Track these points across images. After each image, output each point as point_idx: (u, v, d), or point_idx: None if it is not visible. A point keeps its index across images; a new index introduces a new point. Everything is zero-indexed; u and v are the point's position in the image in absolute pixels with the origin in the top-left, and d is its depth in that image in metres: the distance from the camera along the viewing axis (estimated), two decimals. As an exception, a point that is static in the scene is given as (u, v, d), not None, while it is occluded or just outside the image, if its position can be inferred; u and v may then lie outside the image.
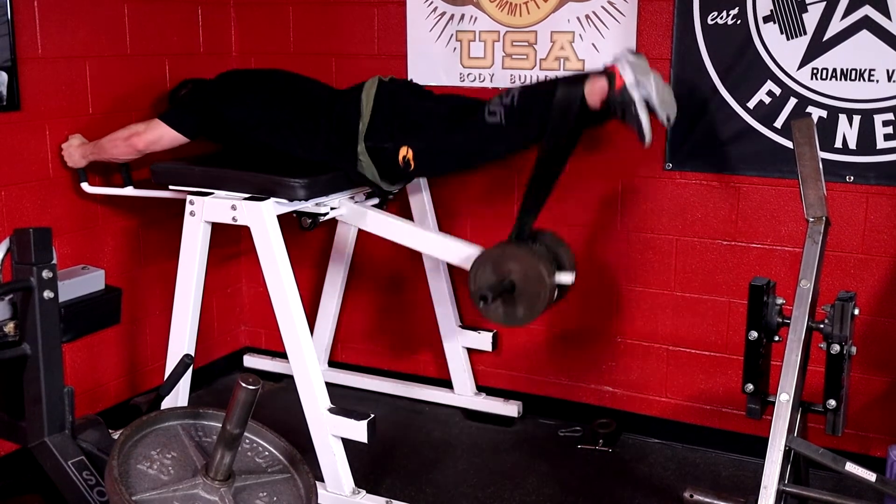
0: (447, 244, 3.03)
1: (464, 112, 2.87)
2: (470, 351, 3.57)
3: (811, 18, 2.85)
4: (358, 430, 2.77)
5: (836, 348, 2.19)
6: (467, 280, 2.81)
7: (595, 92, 2.65)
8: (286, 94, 3.03)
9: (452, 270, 3.50)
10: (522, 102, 2.74)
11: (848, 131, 2.88)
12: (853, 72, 2.83)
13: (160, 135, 3.03)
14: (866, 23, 2.79)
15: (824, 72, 2.87)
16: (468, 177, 3.44)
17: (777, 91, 2.94)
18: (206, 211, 2.90)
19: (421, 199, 3.40)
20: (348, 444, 2.86)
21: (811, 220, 2.26)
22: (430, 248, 3.11)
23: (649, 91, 2.60)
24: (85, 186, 3.16)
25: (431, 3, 3.38)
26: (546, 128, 2.69)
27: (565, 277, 2.79)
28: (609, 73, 2.63)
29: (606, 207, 3.28)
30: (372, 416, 2.79)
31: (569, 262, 2.88)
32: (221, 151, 3.33)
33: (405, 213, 3.43)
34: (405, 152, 2.84)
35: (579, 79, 2.71)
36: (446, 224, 3.48)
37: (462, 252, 2.93)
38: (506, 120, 2.74)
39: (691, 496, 2.12)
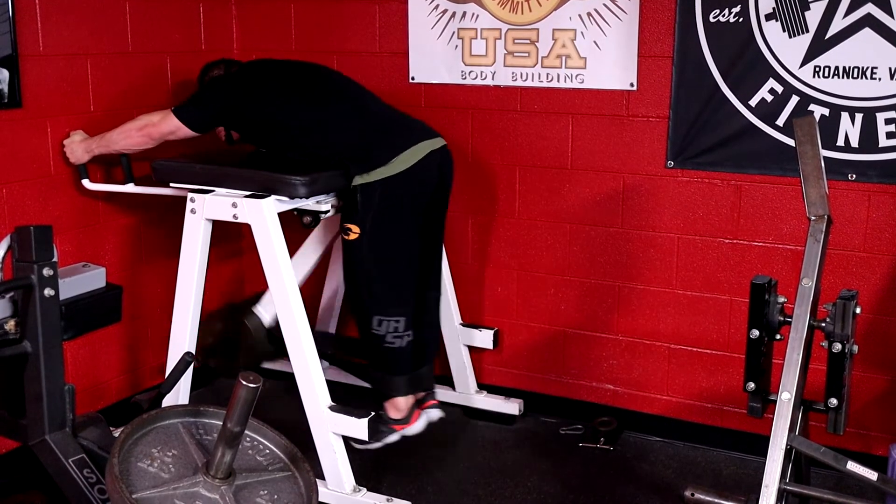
0: None
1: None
2: (471, 349, 3.57)
3: (813, 16, 2.85)
4: (359, 428, 2.77)
5: (837, 347, 2.19)
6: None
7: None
8: (315, 102, 3.01)
9: (454, 268, 3.50)
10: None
11: (850, 129, 2.87)
12: (855, 70, 2.83)
13: (175, 127, 3.01)
14: (869, 20, 2.78)
15: (826, 70, 2.86)
16: (469, 173, 3.44)
17: (779, 89, 2.93)
18: (207, 208, 2.90)
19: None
20: (349, 442, 2.86)
21: (813, 218, 2.25)
22: None
23: None
24: (86, 183, 3.16)
25: (433, 0, 3.37)
26: None
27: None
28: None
29: (608, 205, 3.28)
30: (373, 413, 2.79)
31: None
32: (223, 150, 3.34)
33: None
34: (355, 228, 2.89)
35: None
36: (448, 221, 3.47)
37: None
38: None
39: (692, 495, 2.12)
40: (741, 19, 2.93)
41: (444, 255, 3.31)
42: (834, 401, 2.23)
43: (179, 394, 3.00)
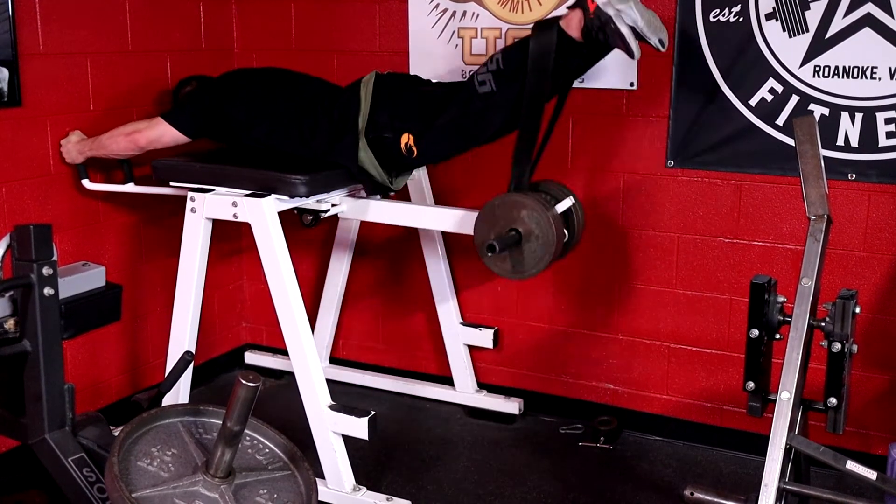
0: (448, 213, 3.01)
1: (457, 89, 2.86)
2: (471, 348, 3.57)
3: (813, 16, 2.84)
4: (359, 427, 2.77)
5: (837, 346, 2.19)
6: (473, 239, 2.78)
7: (572, 24, 2.63)
8: (286, 92, 3.02)
9: (454, 268, 3.50)
10: (507, 63, 2.72)
11: (850, 129, 2.87)
12: (855, 69, 2.83)
13: (162, 132, 3.02)
14: (868, 20, 2.78)
15: (826, 69, 2.86)
16: (469, 172, 3.44)
17: (779, 88, 2.93)
18: (207, 207, 2.90)
19: (420, 189, 3.38)
20: (349, 441, 2.86)
21: (812, 217, 2.25)
22: (432, 221, 3.11)
23: (633, 17, 2.56)
24: (86, 183, 3.16)
25: (433, -1, 3.38)
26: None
27: (564, 204, 2.79)
28: (581, 1, 2.62)
29: (608, 205, 3.28)
30: (373, 412, 2.80)
31: (566, 195, 2.87)
32: (223, 149, 3.33)
33: (406, 209, 3.43)
34: (406, 139, 2.82)
35: (553, 19, 2.69)
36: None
37: (461, 216, 2.93)
38: (496, 85, 2.72)
39: (692, 494, 2.12)
40: (741, 19, 2.93)
41: (439, 254, 3.28)
42: (833, 400, 2.23)
43: (179, 393, 3.00)
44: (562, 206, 2.76)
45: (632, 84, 3.14)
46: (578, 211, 2.89)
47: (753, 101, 2.97)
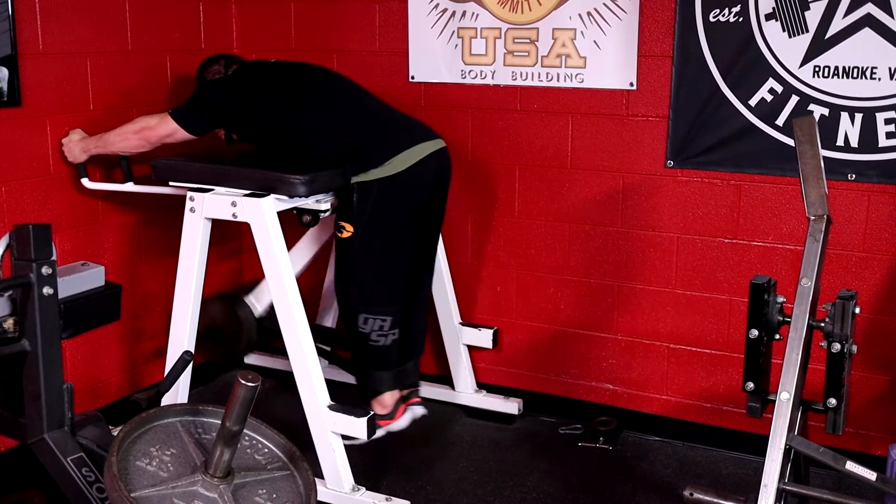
0: None
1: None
2: (470, 348, 3.57)
3: (813, 16, 2.84)
4: (358, 428, 2.77)
5: (836, 347, 2.19)
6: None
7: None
8: (309, 102, 3.01)
9: (453, 267, 3.50)
10: None
11: (850, 129, 2.87)
12: (855, 70, 2.83)
13: (172, 130, 3.01)
14: (868, 20, 2.78)
15: (826, 69, 2.86)
16: (469, 172, 3.44)
17: (779, 89, 2.93)
18: (207, 207, 2.90)
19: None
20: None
21: (812, 218, 2.25)
22: None
23: None
24: (85, 182, 3.16)
25: (433, -1, 3.38)
26: None
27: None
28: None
29: (608, 205, 3.27)
30: (372, 413, 2.79)
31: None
32: (223, 148, 3.34)
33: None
34: (348, 226, 2.91)
35: None
36: (447, 220, 3.47)
37: None
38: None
39: (691, 494, 2.12)
40: (741, 19, 2.93)
41: (439, 254, 3.30)
42: (833, 401, 2.22)
43: (178, 392, 3.00)
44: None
45: (631, 84, 3.14)
46: None
47: (753, 102, 2.97)
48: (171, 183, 3.05)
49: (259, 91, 3.04)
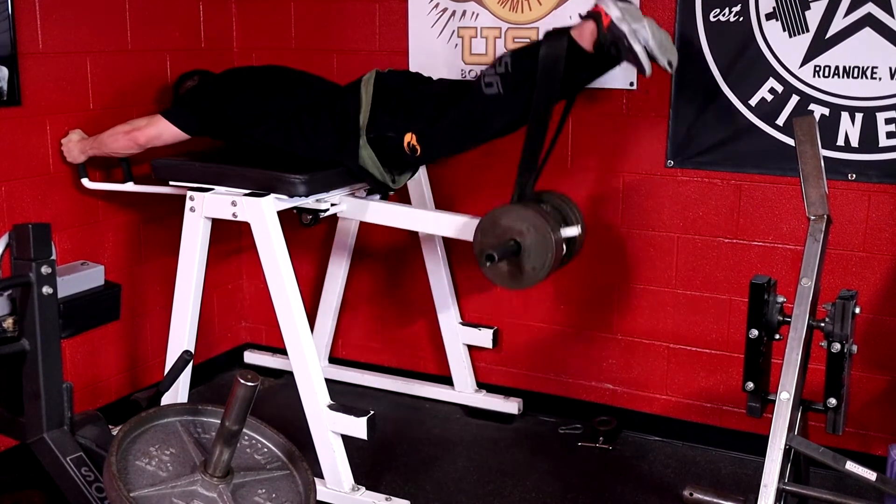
0: (448, 218, 3.01)
1: (462, 88, 2.85)
2: (470, 348, 3.57)
3: (814, 16, 2.84)
4: (358, 427, 2.77)
5: (836, 347, 2.19)
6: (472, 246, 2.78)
7: (584, 35, 2.63)
8: (286, 90, 3.02)
9: (453, 267, 3.50)
10: (515, 67, 2.72)
11: (850, 129, 2.87)
12: (856, 69, 2.82)
13: (161, 130, 3.02)
14: (869, 20, 2.78)
15: (827, 69, 2.86)
16: (469, 171, 3.44)
17: (779, 88, 2.93)
18: (207, 207, 2.90)
19: (420, 189, 3.38)
20: (348, 441, 2.85)
21: (812, 218, 2.25)
22: (431, 226, 3.10)
23: (645, 36, 2.57)
24: (85, 182, 3.16)
25: (433, -1, 3.38)
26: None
27: (570, 231, 2.77)
28: (595, 14, 2.62)
29: (607, 204, 3.27)
30: (372, 412, 2.79)
31: (574, 217, 2.86)
32: (223, 147, 3.33)
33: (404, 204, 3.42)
34: (409, 138, 2.82)
35: (565, 29, 2.69)
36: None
37: (463, 223, 2.92)
38: (503, 88, 2.71)
39: (691, 494, 2.11)
40: (741, 18, 2.93)
41: (438, 253, 3.27)
42: (833, 401, 2.22)
43: (178, 392, 3.00)
44: (567, 233, 2.77)
45: (632, 84, 3.14)
46: (581, 233, 2.89)
47: (753, 101, 2.97)
48: (171, 183, 3.05)
49: (239, 85, 3.07)
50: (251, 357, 3.98)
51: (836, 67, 2.85)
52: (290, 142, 2.96)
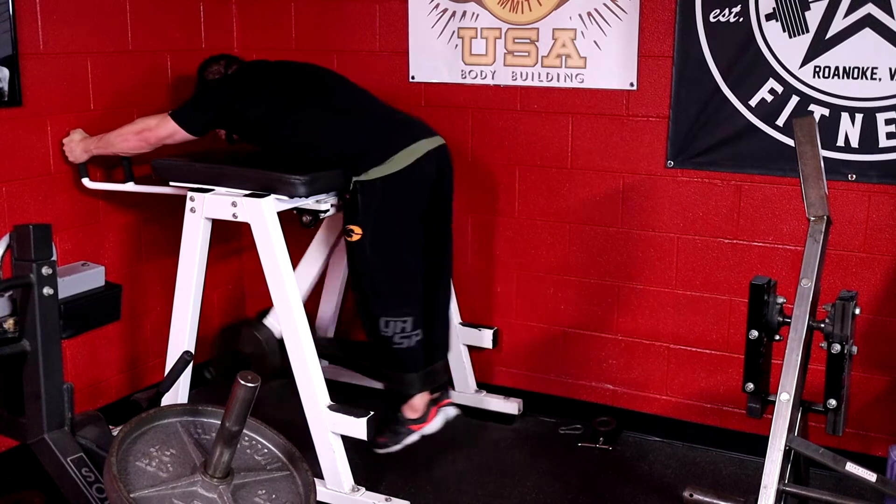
0: None
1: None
2: (470, 348, 3.56)
3: (814, 16, 2.84)
4: (358, 428, 2.77)
5: (836, 348, 2.19)
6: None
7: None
8: (308, 98, 3.01)
9: (453, 267, 3.49)
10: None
11: (850, 129, 2.87)
12: (856, 70, 2.82)
13: (172, 131, 3.01)
14: (869, 21, 2.78)
15: (827, 70, 2.86)
16: (469, 172, 3.44)
17: (779, 89, 2.93)
18: (207, 207, 2.90)
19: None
20: (348, 442, 2.85)
21: (812, 218, 2.25)
22: None
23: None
24: (86, 182, 3.16)
25: (433, -1, 3.38)
26: None
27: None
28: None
29: (608, 205, 3.27)
30: (372, 413, 2.79)
31: None
32: (223, 148, 3.34)
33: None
34: (357, 229, 2.89)
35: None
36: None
37: None
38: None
39: (691, 495, 2.12)
40: (741, 19, 2.93)
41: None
42: (833, 402, 2.22)
43: (178, 392, 3.00)
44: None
45: (632, 84, 3.14)
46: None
47: (753, 102, 2.97)
48: (171, 183, 3.05)
49: (258, 90, 3.04)
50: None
51: (836, 68, 2.85)
52: (310, 150, 2.97)
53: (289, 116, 2.97)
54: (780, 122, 2.95)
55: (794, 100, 2.91)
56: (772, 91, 2.94)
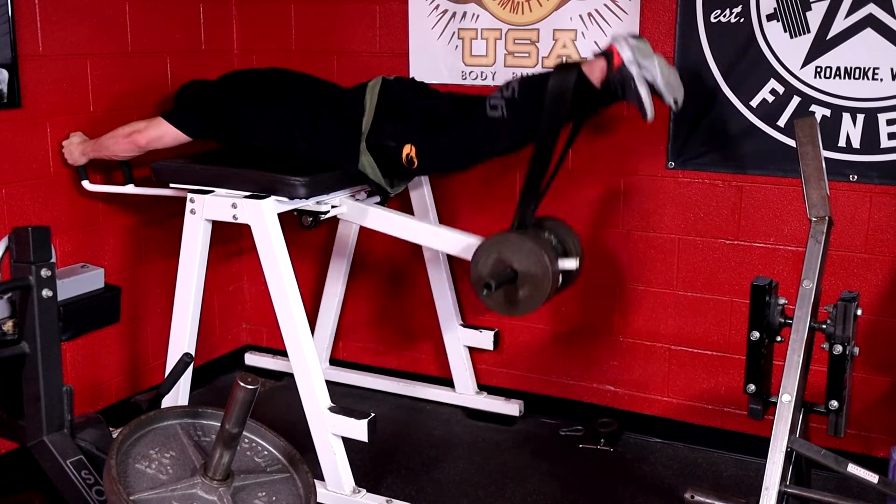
0: (448, 235, 3.01)
1: (466, 107, 2.86)
2: (471, 349, 3.56)
3: (815, 16, 2.84)
4: (358, 429, 2.76)
5: (838, 349, 2.18)
6: (469, 270, 2.79)
7: (594, 71, 2.66)
8: (289, 91, 3.02)
9: (454, 268, 3.50)
10: (523, 94, 2.74)
11: (851, 130, 2.86)
12: (857, 70, 2.82)
13: (162, 132, 3.02)
14: (870, 21, 2.77)
15: (828, 70, 2.85)
16: (470, 174, 3.43)
17: (780, 89, 2.92)
18: (207, 209, 2.90)
19: (422, 197, 3.38)
20: (349, 443, 2.85)
21: (814, 219, 2.25)
22: (431, 241, 3.10)
23: (654, 74, 2.61)
24: (86, 184, 3.16)
25: (433, 0, 3.37)
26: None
27: (569, 263, 2.77)
28: (607, 52, 2.65)
29: (609, 206, 3.27)
30: (372, 414, 2.79)
31: (574, 248, 2.87)
32: (224, 149, 3.33)
33: (406, 210, 3.41)
34: (408, 150, 2.83)
35: (576, 63, 2.72)
36: (448, 222, 3.47)
37: (463, 242, 2.92)
38: (507, 113, 2.73)
39: (692, 497, 2.11)
40: (742, 20, 2.92)
41: (440, 256, 3.27)
42: (835, 403, 2.22)
43: (179, 394, 2.99)
44: (566, 264, 2.77)
45: (632, 85, 3.13)
46: (579, 265, 2.89)
47: (754, 102, 2.97)
48: (171, 185, 3.04)
49: (239, 87, 3.07)
50: (252, 359, 3.98)
51: (838, 68, 2.84)
52: (292, 143, 2.95)
53: (270, 112, 2.97)
54: (782, 122, 2.95)
55: (796, 100, 2.91)
56: (773, 91, 2.93)
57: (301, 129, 2.93)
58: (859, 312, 2.19)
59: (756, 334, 2.26)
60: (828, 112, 2.88)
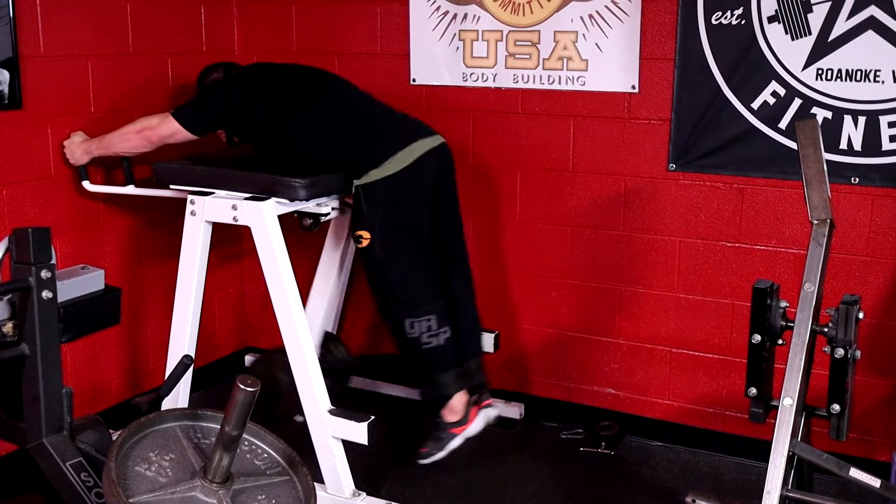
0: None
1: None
2: (472, 352, 3.55)
3: (816, 19, 2.83)
4: (358, 432, 2.76)
5: (840, 352, 2.18)
6: None
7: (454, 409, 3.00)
8: (309, 102, 3.00)
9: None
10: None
11: (853, 132, 2.86)
12: (858, 72, 2.81)
13: (174, 130, 3.01)
14: (872, 23, 2.77)
15: (829, 72, 2.85)
16: (470, 175, 3.43)
17: (781, 92, 2.92)
18: (207, 211, 2.89)
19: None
20: (348, 446, 2.84)
21: (815, 222, 2.24)
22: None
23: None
24: (86, 184, 3.16)
25: (434, 2, 3.37)
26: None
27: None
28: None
29: (609, 208, 3.26)
30: (372, 417, 2.78)
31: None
32: (224, 151, 3.33)
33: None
34: (367, 235, 2.87)
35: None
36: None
37: None
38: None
39: (693, 501, 2.11)
40: (743, 21, 2.92)
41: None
42: (836, 406, 2.21)
43: (179, 396, 2.99)
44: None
45: (633, 87, 3.13)
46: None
47: (756, 104, 2.96)
48: (171, 186, 3.04)
49: (258, 90, 3.04)
50: (252, 361, 3.97)
51: (839, 70, 2.84)
52: (306, 157, 2.96)
53: (286, 116, 2.96)
54: (783, 124, 2.94)
55: (797, 102, 2.90)
56: (774, 94, 2.93)
57: (327, 137, 2.94)
58: (861, 316, 2.19)
59: (757, 337, 2.26)
60: (829, 114, 2.87)
